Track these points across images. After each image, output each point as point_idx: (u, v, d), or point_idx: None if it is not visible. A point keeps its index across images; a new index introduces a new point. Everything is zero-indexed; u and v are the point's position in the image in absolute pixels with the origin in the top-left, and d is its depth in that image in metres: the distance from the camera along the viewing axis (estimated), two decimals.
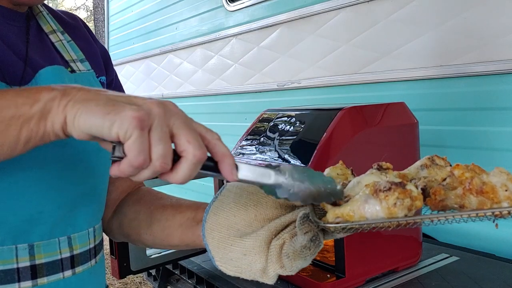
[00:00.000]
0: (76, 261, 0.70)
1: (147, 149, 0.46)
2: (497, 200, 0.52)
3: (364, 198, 0.54)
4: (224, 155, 0.52)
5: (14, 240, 0.63)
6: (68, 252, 0.69)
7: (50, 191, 0.66)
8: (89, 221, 0.73)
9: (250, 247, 0.60)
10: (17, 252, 0.63)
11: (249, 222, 0.63)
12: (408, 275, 1.33)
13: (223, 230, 0.63)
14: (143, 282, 3.50)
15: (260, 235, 0.60)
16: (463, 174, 0.58)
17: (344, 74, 2.17)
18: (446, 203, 0.56)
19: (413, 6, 1.84)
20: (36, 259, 0.65)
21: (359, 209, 0.53)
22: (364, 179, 0.59)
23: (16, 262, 0.63)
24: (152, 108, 0.48)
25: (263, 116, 1.54)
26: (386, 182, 0.53)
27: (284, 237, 0.60)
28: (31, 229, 0.64)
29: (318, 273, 1.28)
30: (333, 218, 0.54)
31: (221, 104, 3.18)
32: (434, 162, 0.67)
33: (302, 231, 0.58)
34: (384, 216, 0.52)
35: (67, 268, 0.68)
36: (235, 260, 0.61)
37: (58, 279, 0.67)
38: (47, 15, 0.81)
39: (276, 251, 0.59)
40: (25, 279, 0.63)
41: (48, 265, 0.66)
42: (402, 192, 0.52)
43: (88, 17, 17.41)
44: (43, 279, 0.65)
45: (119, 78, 0.94)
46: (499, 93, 1.61)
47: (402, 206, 0.52)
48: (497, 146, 1.63)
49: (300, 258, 0.58)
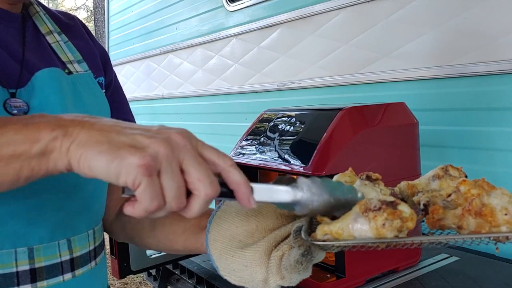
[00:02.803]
0: (76, 264, 0.70)
1: (159, 194, 0.45)
2: (495, 224, 0.50)
3: (354, 216, 0.52)
4: (238, 184, 0.49)
5: (13, 244, 0.62)
6: (68, 255, 0.68)
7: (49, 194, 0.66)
8: (88, 223, 0.73)
9: (251, 258, 0.60)
10: (17, 256, 0.63)
11: (250, 233, 0.63)
12: (408, 275, 1.33)
13: (226, 241, 0.63)
14: (143, 282, 3.50)
15: (260, 246, 0.60)
16: (469, 190, 0.56)
17: (344, 74, 2.17)
18: (444, 223, 0.54)
19: (413, 6, 1.84)
20: (35, 263, 0.64)
21: (348, 228, 0.52)
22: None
23: (16, 265, 0.62)
24: (158, 150, 0.45)
25: (263, 116, 1.54)
26: (377, 201, 0.52)
27: (283, 249, 0.59)
28: (30, 233, 0.64)
29: (318, 273, 1.28)
30: (322, 235, 0.53)
31: (221, 104, 3.18)
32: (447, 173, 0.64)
33: (295, 245, 0.58)
34: (372, 236, 0.51)
35: (67, 271, 0.68)
36: (238, 271, 0.62)
37: (58, 282, 0.66)
38: (44, 16, 0.80)
39: (276, 263, 0.59)
40: (24, 283, 0.63)
41: (48, 269, 0.65)
42: (391, 213, 0.50)
43: (88, 17, 17.40)
44: (43, 283, 0.65)
45: (118, 79, 0.93)
46: (499, 93, 1.61)
47: (391, 228, 0.50)
48: (497, 146, 1.63)
49: (295, 272, 0.58)
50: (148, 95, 4.13)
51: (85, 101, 0.75)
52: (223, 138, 3.16)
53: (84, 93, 0.76)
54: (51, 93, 0.69)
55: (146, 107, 4.22)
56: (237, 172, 0.50)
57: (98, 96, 0.80)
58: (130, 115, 0.94)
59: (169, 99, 3.82)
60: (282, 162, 1.29)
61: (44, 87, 0.69)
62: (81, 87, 0.76)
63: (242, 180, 0.50)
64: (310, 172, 1.18)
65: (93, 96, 0.78)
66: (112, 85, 0.89)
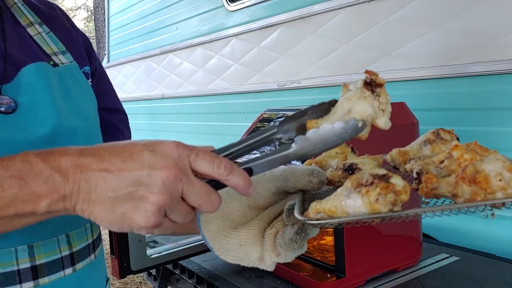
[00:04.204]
0: (76, 258, 0.70)
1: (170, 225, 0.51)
2: (491, 191, 0.49)
3: (346, 192, 0.51)
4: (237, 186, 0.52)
5: (13, 242, 0.63)
6: (67, 250, 0.68)
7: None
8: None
9: (245, 237, 0.61)
10: (17, 254, 0.63)
11: (243, 212, 0.63)
12: (408, 275, 1.33)
13: (218, 222, 0.63)
14: (143, 282, 3.50)
15: (254, 225, 0.61)
16: (462, 155, 0.54)
17: (344, 74, 2.17)
18: (438, 191, 0.53)
19: (413, 6, 1.84)
20: (36, 260, 0.64)
21: (341, 204, 0.51)
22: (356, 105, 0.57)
23: (17, 264, 0.63)
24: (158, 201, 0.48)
25: (263, 116, 1.54)
26: (369, 175, 0.50)
27: (277, 226, 0.60)
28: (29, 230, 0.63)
29: (318, 273, 1.28)
30: (315, 214, 0.52)
31: (221, 104, 3.18)
32: (439, 137, 0.61)
33: (289, 223, 0.58)
34: (366, 211, 0.49)
35: (67, 266, 0.68)
36: (232, 250, 0.62)
37: (60, 277, 0.67)
38: (22, 6, 0.77)
39: (270, 241, 0.59)
40: (26, 280, 0.63)
41: (49, 265, 0.66)
42: (384, 187, 0.49)
43: (88, 17, 17.42)
44: (45, 279, 0.65)
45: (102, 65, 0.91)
46: (499, 93, 1.61)
47: (385, 202, 0.49)
48: (497, 146, 1.62)
49: (290, 249, 0.58)
50: (148, 95, 4.13)
51: (73, 95, 0.74)
52: (223, 138, 3.16)
53: (71, 86, 0.74)
54: (40, 89, 0.68)
55: (146, 107, 4.22)
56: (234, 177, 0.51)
57: (85, 88, 0.78)
58: (118, 102, 0.93)
59: (169, 99, 3.82)
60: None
61: (33, 83, 0.68)
62: (68, 79, 0.74)
63: (241, 182, 0.51)
64: None
65: (80, 88, 0.76)
66: (97, 73, 0.87)
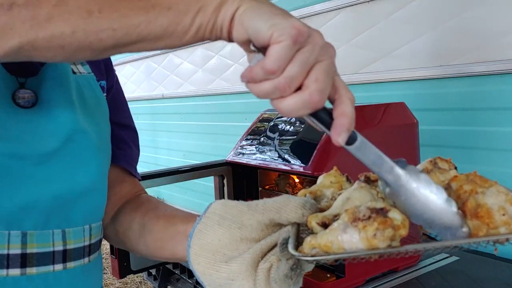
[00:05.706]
0: (69, 256, 0.69)
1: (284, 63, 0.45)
2: (493, 226, 0.47)
3: (343, 227, 0.48)
4: (342, 114, 0.48)
5: (8, 226, 0.62)
6: (61, 246, 0.68)
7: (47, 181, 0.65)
8: (85, 217, 0.73)
9: (237, 272, 0.58)
10: (10, 238, 0.62)
11: (235, 246, 0.60)
12: (408, 275, 1.33)
13: (209, 256, 0.61)
14: (143, 281, 3.50)
15: (246, 258, 0.58)
16: (461, 187, 0.52)
17: (344, 74, 2.17)
18: None
19: (413, 6, 1.84)
20: (27, 248, 0.64)
21: (337, 239, 0.48)
22: (353, 195, 0.54)
23: (7, 248, 0.62)
24: (314, 35, 0.47)
25: (263, 116, 1.54)
26: (366, 209, 0.48)
27: (271, 260, 0.57)
28: (25, 217, 0.63)
29: (318, 273, 1.28)
30: (310, 249, 0.49)
31: (221, 104, 3.18)
32: (436, 166, 0.60)
33: (283, 258, 0.55)
34: (363, 247, 0.47)
35: (58, 262, 0.67)
36: (224, 285, 0.60)
37: (48, 271, 0.66)
38: None
39: (264, 275, 0.57)
40: (14, 267, 0.63)
41: (39, 256, 0.65)
42: (382, 222, 0.46)
43: None
44: (32, 269, 0.64)
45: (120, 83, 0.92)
46: (499, 93, 1.61)
47: (383, 238, 0.46)
48: (497, 146, 1.63)
49: (284, 285, 0.56)
50: (148, 95, 4.13)
51: (88, 102, 0.75)
52: (223, 138, 3.16)
53: (87, 94, 0.76)
54: (59, 85, 0.70)
55: (146, 107, 4.22)
56: (350, 107, 0.49)
57: (100, 99, 0.80)
58: (130, 120, 0.93)
59: (169, 99, 3.82)
60: (282, 162, 1.29)
61: (55, 78, 0.69)
62: (84, 88, 0.76)
63: (349, 113, 0.49)
64: (310, 172, 1.18)
65: (94, 97, 0.78)
66: (113, 89, 0.88)
